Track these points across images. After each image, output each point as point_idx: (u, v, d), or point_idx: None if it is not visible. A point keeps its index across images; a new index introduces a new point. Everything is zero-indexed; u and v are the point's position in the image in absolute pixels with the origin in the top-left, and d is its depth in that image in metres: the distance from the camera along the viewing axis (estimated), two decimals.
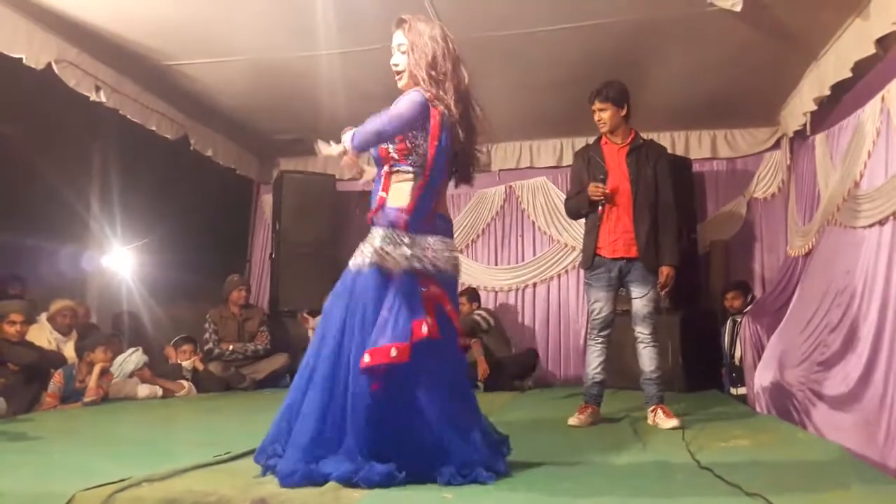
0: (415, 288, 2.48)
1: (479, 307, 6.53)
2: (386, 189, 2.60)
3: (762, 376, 4.47)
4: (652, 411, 3.90)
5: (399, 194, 2.58)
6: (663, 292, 3.99)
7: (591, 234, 4.04)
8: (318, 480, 2.27)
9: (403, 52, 2.66)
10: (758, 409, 4.51)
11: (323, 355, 2.47)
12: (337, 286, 2.60)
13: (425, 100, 2.56)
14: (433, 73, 2.60)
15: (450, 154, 2.65)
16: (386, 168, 2.63)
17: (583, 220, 4.24)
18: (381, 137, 2.56)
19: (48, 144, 5.97)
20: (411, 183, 2.58)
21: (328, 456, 2.33)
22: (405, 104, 2.56)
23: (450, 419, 2.44)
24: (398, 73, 2.69)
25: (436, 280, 2.54)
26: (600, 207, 3.98)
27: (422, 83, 2.60)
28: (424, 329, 2.43)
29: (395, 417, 2.39)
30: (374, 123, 2.53)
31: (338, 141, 2.60)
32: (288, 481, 2.26)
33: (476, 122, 2.75)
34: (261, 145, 7.37)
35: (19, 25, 4.34)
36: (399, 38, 2.68)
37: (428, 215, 2.58)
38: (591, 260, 4.02)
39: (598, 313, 4.03)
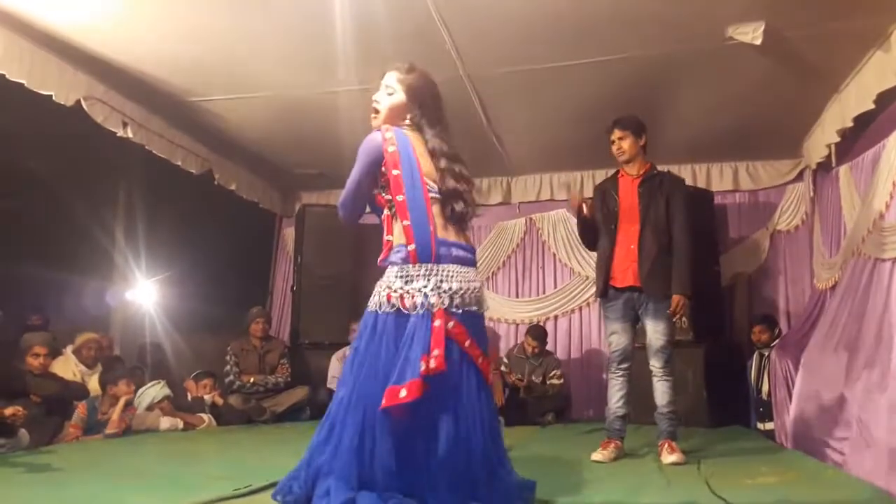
0: (426, 323, 2.39)
1: (541, 349, 6.34)
2: (390, 231, 2.56)
3: (791, 411, 4.38)
4: (660, 446, 3.86)
5: (401, 233, 2.50)
6: (675, 319, 3.94)
7: (604, 264, 4.06)
8: None
9: (389, 94, 2.66)
10: (786, 445, 4.42)
11: (350, 395, 2.43)
12: (360, 327, 2.55)
13: (377, 135, 2.57)
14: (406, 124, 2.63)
15: (423, 177, 2.55)
16: (386, 212, 2.59)
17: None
18: (356, 187, 2.61)
19: (75, 179, 6.07)
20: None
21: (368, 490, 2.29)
22: (361, 148, 2.59)
23: (481, 453, 2.38)
24: (375, 110, 2.69)
25: (454, 315, 2.43)
26: (611, 231, 4.03)
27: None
28: (431, 363, 2.31)
29: (419, 454, 2.33)
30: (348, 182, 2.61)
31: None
32: None
33: (463, 173, 2.63)
34: (283, 179, 7.47)
35: (50, 63, 4.46)
36: (391, 81, 2.67)
37: (432, 241, 2.46)
38: (604, 288, 4.04)
39: (615, 346, 4.02)
